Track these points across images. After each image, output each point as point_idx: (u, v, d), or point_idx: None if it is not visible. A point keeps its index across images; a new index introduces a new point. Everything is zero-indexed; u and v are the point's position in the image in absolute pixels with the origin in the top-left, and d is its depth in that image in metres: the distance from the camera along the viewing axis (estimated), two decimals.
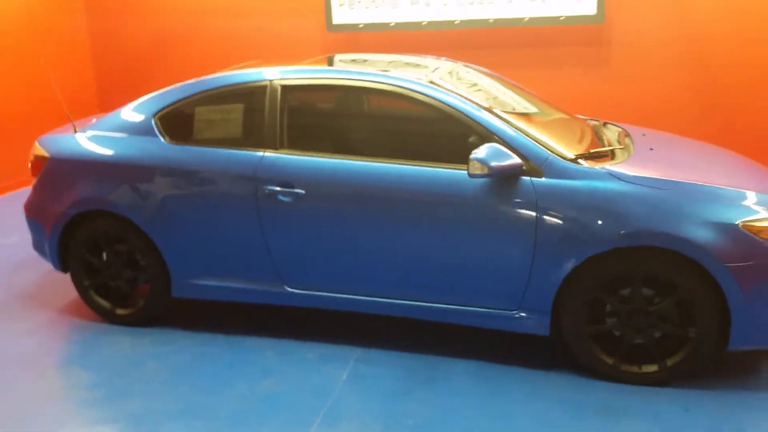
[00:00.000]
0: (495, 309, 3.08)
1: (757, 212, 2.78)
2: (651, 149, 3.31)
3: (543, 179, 2.89)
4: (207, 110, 3.46)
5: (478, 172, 2.85)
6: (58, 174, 3.65)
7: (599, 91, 6.31)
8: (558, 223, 2.87)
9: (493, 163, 2.84)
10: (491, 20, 6.10)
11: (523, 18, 6.01)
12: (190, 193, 3.39)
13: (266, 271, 3.37)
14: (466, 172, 2.95)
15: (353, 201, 3.16)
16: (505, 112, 3.18)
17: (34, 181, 3.78)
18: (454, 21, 6.19)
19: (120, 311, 3.71)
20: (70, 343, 3.58)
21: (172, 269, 3.51)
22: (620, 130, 3.72)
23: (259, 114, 3.33)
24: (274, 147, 3.28)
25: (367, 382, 3.08)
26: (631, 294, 2.89)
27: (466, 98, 3.12)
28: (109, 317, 3.73)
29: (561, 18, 5.93)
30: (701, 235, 2.73)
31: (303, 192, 3.18)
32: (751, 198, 2.86)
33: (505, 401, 2.91)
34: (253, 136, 3.34)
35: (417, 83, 3.17)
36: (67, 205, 3.58)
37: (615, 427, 2.72)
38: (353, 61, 4.04)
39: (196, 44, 7.31)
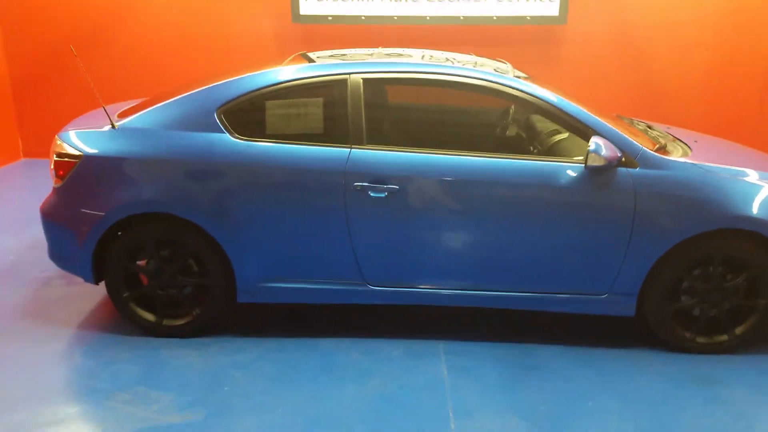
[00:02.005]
0: (585, 294, 3.24)
1: None
2: (695, 141, 3.66)
3: (638, 170, 3.10)
4: (281, 104, 3.25)
5: (596, 163, 3.00)
6: (96, 174, 3.24)
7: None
8: (653, 211, 3.09)
9: (609, 155, 3.01)
10: (461, 17, 6.27)
11: (492, 16, 6.26)
12: (264, 192, 3.19)
13: (347, 270, 3.27)
14: (560, 163, 3.12)
15: (448, 195, 3.15)
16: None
17: (56, 182, 3.34)
18: (426, 17, 6.28)
19: (168, 322, 3.39)
20: (125, 363, 3.20)
21: (238, 273, 3.28)
22: (645, 125, 4.04)
23: (341, 108, 3.21)
24: (359, 142, 3.18)
25: (472, 375, 3.10)
26: (707, 273, 3.18)
27: (558, 94, 3.23)
28: (153, 330, 3.40)
29: (527, 18, 6.25)
30: None
31: (396, 187, 3.12)
32: None
33: (615, 380, 3.07)
34: (335, 132, 3.21)
35: (510, 79, 3.24)
36: (110, 209, 3.20)
37: (714, 392, 2.99)
38: (388, 54, 3.92)
39: (132, 34, 6.76)
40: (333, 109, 3.23)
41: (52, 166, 3.34)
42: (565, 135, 3.56)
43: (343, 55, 3.75)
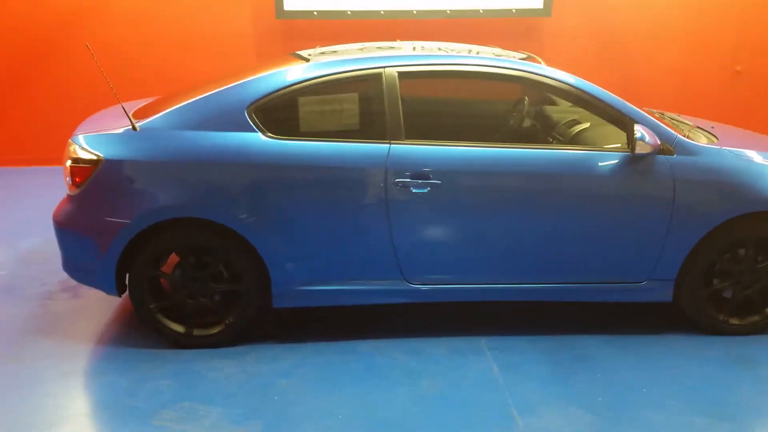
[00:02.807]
0: (625, 282, 3.26)
1: None
2: (712, 127, 3.74)
3: (675, 156, 3.13)
4: (314, 101, 3.13)
5: (643, 151, 3.02)
6: (119, 179, 3.05)
7: None
8: (692, 197, 3.13)
9: (653, 142, 3.03)
10: (448, 11, 6.25)
11: (479, 10, 6.26)
12: (301, 192, 3.07)
13: (387, 269, 3.18)
14: (601, 152, 3.13)
15: (491, 188, 3.11)
16: None
17: (72, 189, 3.12)
18: (413, 11, 6.22)
19: (199, 332, 3.23)
20: (161, 378, 3.01)
21: (274, 277, 3.15)
22: (658, 113, 4.11)
23: (378, 103, 3.11)
24: (398, 137, 3.09)
25: (522, 370, 3.07)
26: (739, 255, 3.24)
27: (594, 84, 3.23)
28: (182, 341, 3.23)
29: (513, 11, 6.28)
30: None
31: (439, 182, 3.05)
32: None
33: (660, 367, 3.10)
34: (372, 127, 3.12)
35: (548, 69, 3.22)
36: (137, 216, 3.02)
37: (759, 373, 3.05)
38: (380, 47, 3.80)
39: (106, 33, 6.44)
40: (369, 104, 3.14)
41: (68, 173, 3.12)
42: (587, 125, 3.58)
43: (335, 51, 3.64)
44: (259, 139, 3.06)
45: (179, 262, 3.17)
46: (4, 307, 3.71)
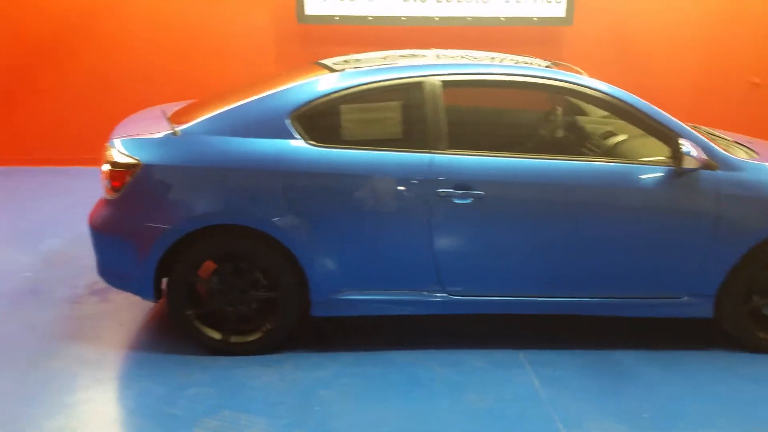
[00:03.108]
0: (666, 297, 3.25)
1: None
2: (750, 142, 3.73)
3: (719, 172, 3.12)
4: (356, 109, 3.11)
5: (691, 166, 3.01)
6: (160, 184, 3.02)
7: None
8: (735, 212, 3.12)
9: (700, 157, 3.02)
10: (469, 18, 6.23)
11: (500, 17, 6.25)
12: (342, 201, 3.04)
13: (427, 279, 3.15)
14: (645, 166, 3.12)
15: (535, 200, 3.09)
16: None
17: (109, 193, 3.08)
18: (434, 17, 6.20)
19: (237, 339, 3.19)
20: (199, 386, 2.96)
21: (313, 286, 3.12)
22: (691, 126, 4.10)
23: (420, 112, 3.09)
24: (440, 147, 3.07)
25: (564, 385, 3.04)
26: None
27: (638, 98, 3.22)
28: (219, 348, 3.19)
29: (534, 19, 6.28)
30: None
31: (482, 193, 3.03)
32: None
33: (702, 383, 3.08)
34: (414, 136, 3.09)
35: (590, 80, 3.21)
36: (177, 222, 2.99)
37: None
38: (402, 56, 3.74)
39: (125, 35, 6.41)
40: (411, 113, 3.11)
41: (105, 177, 3.08)
42: (624, 137, 3.56)
43: (358, 60, 3.61)
44: (301, 147, 3.03)
45: (217, 269, 3.13)
46: (33, 310, 3.65)
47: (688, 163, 3.00)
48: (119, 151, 3.06)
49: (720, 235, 3.13)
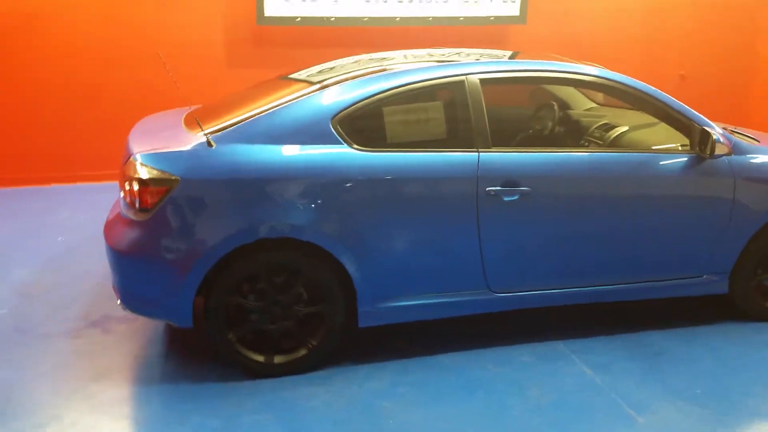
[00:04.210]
0: (688, 277, 3.41)
1: None
2: (744, 130, 3.99)
3: (733, 156, 3.31)
4: (399, 110, 3.02)
5: (721, 152, 3.19)
6: (200, 200, 2.79)
7: None
8: (749, 194, 3.33)
9: (727, 143, 3.20)
10: (430, 18, 6.26)
11: (459, 17, 6.33)
12: (392, 206, 2.96)
13: (473, 279, 3.13)
14: (672, 154, 3.27)
15: (578, 193, 3.15)
16: None
17: (138, 215, 2.81)
18: (395, 18, 6.18)
19: (280, 359, 3.02)
20: (254, 414, 2.77)
21: (361, 295, 3.00)
22: None
23: (463, 111, 3.06)
24: (485, 146, 3.05)
25: (615, 370, 3.11)
26: None
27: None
28: (262, 371, 3.01)
29: (491, 18, 6.41)
30: None
31: (529, 189, 3.05)
32: None
33: (734, 355, 3.24)
34: (459, 136, 3.06)
35: (620, 76, 3.29)
36: (221, 238, 2.78)
37: None
38: (371, 59, 3.69)
39: (60, 38, 5.93)
40: (454, 112, 3.08)
41: (132, 196, 2.81)
42: (625, 128, 3.71)
43: (332, 68, 3.54)
44: (348, 152, 2.91)
45: (263, 287, 2.93)
46: (25, 351, 3.26)
47: (719, 150, 3.18)
48: (150, 167, 2.81)
49: (736, 216, 3.34)
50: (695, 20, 7.33)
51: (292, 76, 3.58)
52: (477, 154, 3.03)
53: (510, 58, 3.77)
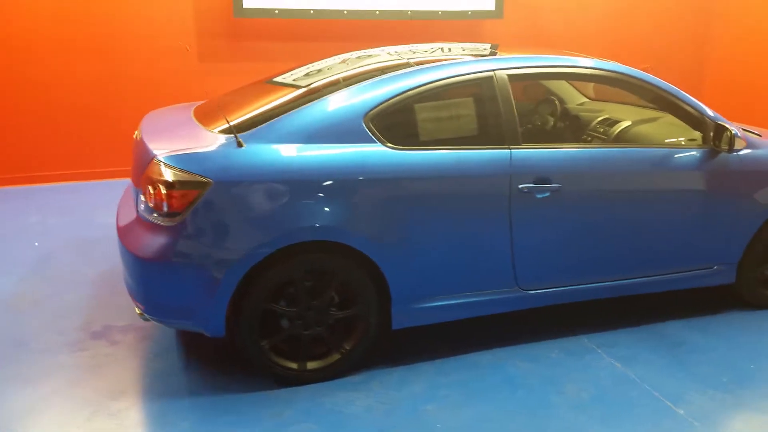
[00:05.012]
0: (700, 268, 3.51)
1: None
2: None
3: (742, 151, 3.41)
4: (431, 107, 2.95)
5: (740, 147, 3.28)
6: (233, 203, 2.64)
7: None
8: (756, 186, 3.44)
9: (744, 138, 3.29)
10: (409, 12, 6.20)
11: (438, 11, 6.29)
12: (428, 205, 2.89)
13: (502, 277, 3.11)
14: (691, 149, 3.34)
15: (606, 188, 3.18)
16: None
17: (165, 219, 2.63)
18: (375, 11, 6.09)
19: (314, 365, 2.92)
20: (297, 424, 2.66)
21: (395, 297, 2.93)
22: None
23: (493, 107, 3.02)
24: (515, 142, 3.02)
25: (642, 362, 3.16)
26: None
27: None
28: (295, 378, 2.90)
29: (469, 12, 6.41)
30: None
31: (559, 186, 3.04)
32: None
33: (747, 342, 3.34)
34: (489, 132, 3.02)
35: (644, 73, 3.34)
36: (257, 243, 2.64)
37: None
38: (359, 57, 3.66)
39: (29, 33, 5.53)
40: (484, 109, 3.04)
41: (158, 199, 2.63)
42: (628, 123, 3.79)
43: (319, 71, 3.46)
44: (382, 151, 2.83)
45: (297, 291, 2.81)
46: (26, 366, 3.03)
47: (738, 144, 3.28)
48: (177, 169, 2.63)
49: (745, 209, 3.46)
50: (662, 12, 7.58)
51: (278, 79, 3.46)
52: (509, 151, 3.01)
53: (491, 50, 3.78)
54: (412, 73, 3.00)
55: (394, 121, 2.90)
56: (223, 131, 2.88)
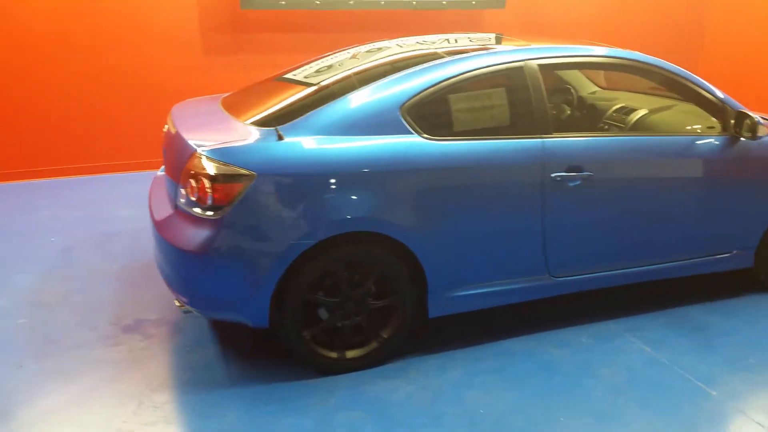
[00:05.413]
0: (721, 253, 3.59)
1: None
2: None
3: (760, 137, 3.46)
4: (463, 98, 2.98)
5: (762, 134, 3.35)
6: (277, 195, 2.66)
7: None
8: None
9: (766, 126, 3.35)
10: (414, 2, 6.20)
11: (442, 1, 6.30)
12: (464, 195, 2.93)
13: (534, 264, 3.17)
14: (714, 136, 3.40)
15: (634, 176, 3.24)
16: None
17: (210, 212, 2.64)
18: (380, 2, 6.08)
19: (353, 354, 2.95)
20: (343, 411, 2.70)
21: (432, 285, 2.97)
22: None
23: (524, 97, 3.06)
24: (546, 131, 3.06)
25: (670, 346, 3.23)
26: None
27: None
28: (334, 367, 2.94)
29: (473, 2, 6.42)
30: None
31: (591, 174, 3.09)
32: None
33: (766, 325, 3.43)
34: (521, 122, 3.06)
35: (665, 62, 3.38)
36: (300, 235, 2.66)
37: None
38: (369, 51, 3.64)
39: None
40: (516, 98, 3.08)
41: (201, 192, 2.64)
42: (645, 111, 3.85)
43: (329, 67, 3.46)
44: (420, 142, 2.85)
45: (337, 282, 2.84)
46: (66, 363, 3.02)
47: (761, 132, 3.35)
48: (220, 162, 2.64)
49: (764, 194, 3.55)
50: (658, 4, 7.67)
51: (289, 76, 3.46)
52: (541, 140, 3.05)
53: (495, 40, 3.81)
54: (445, 63, 3.02)
55: (429, 112, 2.93)
56: (258, 123, 2.91)
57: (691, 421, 2.71)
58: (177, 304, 2.92)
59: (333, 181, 2.71)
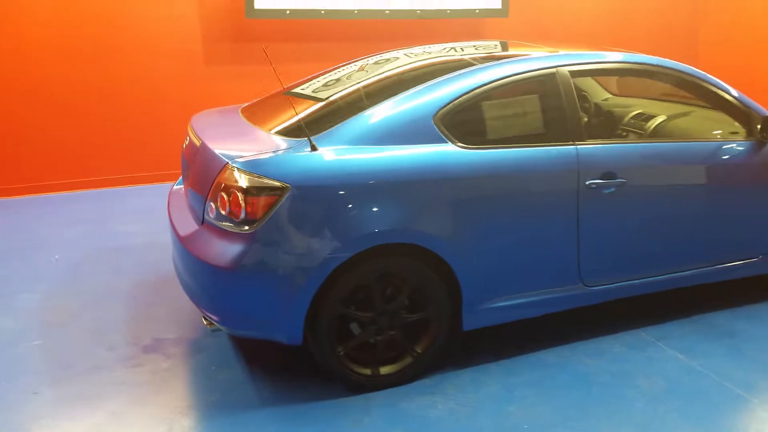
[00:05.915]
0: (747, 258, 3.55)
1: None
2: None
3: None
4: (495, 105, 2.92)
5: None
6: (311, 208, 2.58)
7: None
8: None
9: None
10: (418, 11, 6.17)
11: (446, 10, 6.28)
12: (500, 204, 2.88)
13: (567, 274, 3.11)
14: (741, 141, 3.39)
15: (666, 182, 3.21)
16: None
17: (243, 227, 2.55)
18: (384, 11, 6.04)
19: (387, 370, 2.87)
20: (385, 430, 2.61)
21: (466, 298, 2.90)
22: None
23: (557, 103, 3.02)
24: (579, 138, 3.02)
25: (702, 353, 3.19)
26: None
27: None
28: (367, 384, 2.85)
29: (476, 11, 6.41)
30: None
31: (624, 180, 3.06)
32: None
33: None
34: (554, 129, 3.01)
35: (695, 69, 3.37)
36: (335, 248, 2.58)
37: None
38: (377, 62, 3.62)
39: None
40: (548, 105, 3.04)
41: (233, 205, 2.55)
42: (663, 117, 3.83)
43: (338, 80, 3.44)
44: (454, 151, 2.79)
45: (372, 295, 2.76)
46: (85, 387, 2.89)
47: None
48: (253, 175, 2.56)
49: None
50: (665, 11, 7.72)
51: (297, 90, 3.41)
52: (575, 147, 3.01)
53: (501, 47, 3.79)
54: (477, 71, 2.98)
55: (462, 120, 2.87)
56: (283, 133, 2.83)
57: (734, 430, 2.66)
58: (205, 322, 2.82)
59: (367, 192, 2.64)
